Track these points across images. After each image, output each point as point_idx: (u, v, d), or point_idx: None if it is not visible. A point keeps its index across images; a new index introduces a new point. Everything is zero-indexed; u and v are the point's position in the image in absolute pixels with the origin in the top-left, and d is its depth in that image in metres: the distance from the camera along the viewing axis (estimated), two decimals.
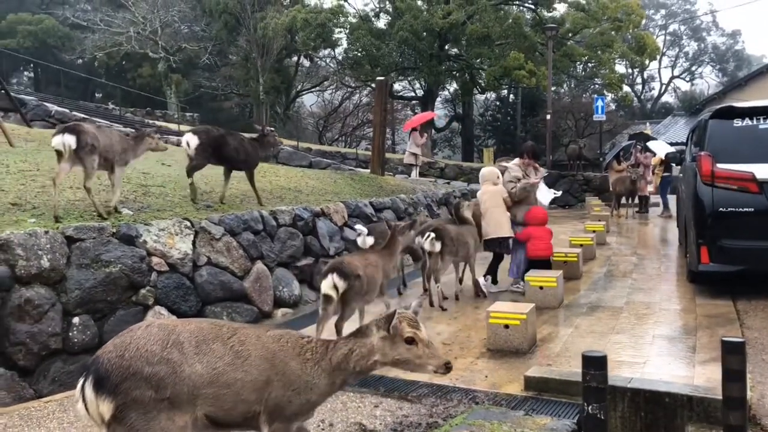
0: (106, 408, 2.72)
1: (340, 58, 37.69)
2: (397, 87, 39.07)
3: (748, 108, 7.66)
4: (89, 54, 35.84)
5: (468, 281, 8.69)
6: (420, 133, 19.89)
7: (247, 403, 3.05)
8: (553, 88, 30.05)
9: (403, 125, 28.80)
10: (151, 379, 2.76)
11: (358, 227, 8.42)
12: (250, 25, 35.28)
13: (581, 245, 10.43)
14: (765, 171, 7.08)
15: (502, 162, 11.32)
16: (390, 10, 33.32)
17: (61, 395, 5.30)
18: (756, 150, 7.30)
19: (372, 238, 7.79)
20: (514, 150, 32.18)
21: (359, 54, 32.52)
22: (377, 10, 34.58)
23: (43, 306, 5.50)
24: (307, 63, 42.03)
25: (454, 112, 44.47)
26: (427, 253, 7.72)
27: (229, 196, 8.94)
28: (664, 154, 17.42)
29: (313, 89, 44.02)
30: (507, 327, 6.00)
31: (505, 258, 8.73)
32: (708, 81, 55.65)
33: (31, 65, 43.38)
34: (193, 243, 7.17)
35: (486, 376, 5.46)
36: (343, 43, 35.06)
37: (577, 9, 30.15)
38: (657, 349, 5.94)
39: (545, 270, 8.06)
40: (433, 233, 7.61)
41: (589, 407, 3.74)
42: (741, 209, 7.16)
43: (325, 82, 42.30)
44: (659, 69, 54.71)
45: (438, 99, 40.22)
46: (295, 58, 40.70)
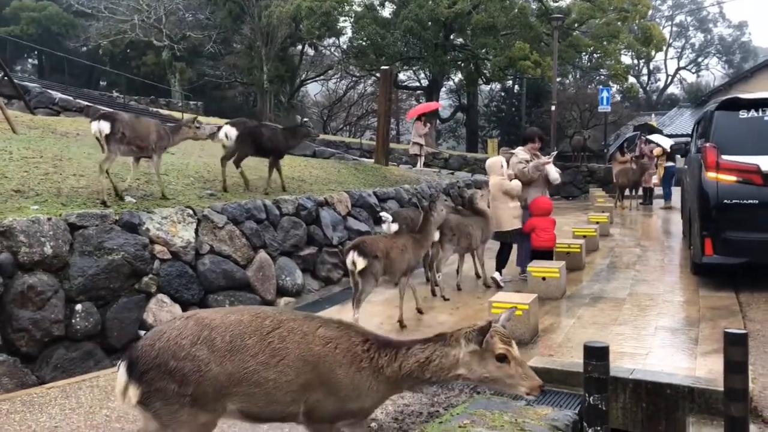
0: (133, 393, 2.76)
1: (344, 47, 37.60)
2: (402, 77, 38.94)
3: (754, 99, 7.61)
4: (93, 41, 35.71)
5: (470, 272, 8.69)
6: (423, 123, 19.85)
7: (281, 404, 2.91)
8: (558, 79, 29.92)
9: (407, 114, 28.71)
10: (175, 374, 2.75)
11: (384, 214, 8.71)
12: (255, 14, 35.13)
13: (584, 236, 10.41)
14: None
15: (507, 151, 11.29)
16: None
17: (63, 382, 5.33)
18: (761, 142, 7.26)
19: (396, 225, 8.09)
20: (518, 141, 32.11)
21: (364, 43, 32.40)
22: None
23: (45, 293, 5.51)
24: (311, 52, 41.92)
25: (458, 102, 44.37)
26: None
27: (232, 185, 8.93)
28: (668, 146, 17.37)
29: (317, 78, 43.90)
30: None
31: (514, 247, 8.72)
32: (714, 72, 55.42)
33: (35, 52, 43.32)
34: (196, 231, 7.18)
35: None
36: (348, 32, 34.99)
37: None
38: (659, 341, 5.92)
39: (548, 261, 8.05)
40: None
41: (591, 398, 3.74)
42: (745, 201, 7.13)
43: (329, 71, 42.18)
44: (665, 60, 54.52)
45: (443, 89, 40.14)
46: (299, 47, 40.55)
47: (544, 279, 7.58)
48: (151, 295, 6.45)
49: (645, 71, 54.14)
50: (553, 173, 8.47)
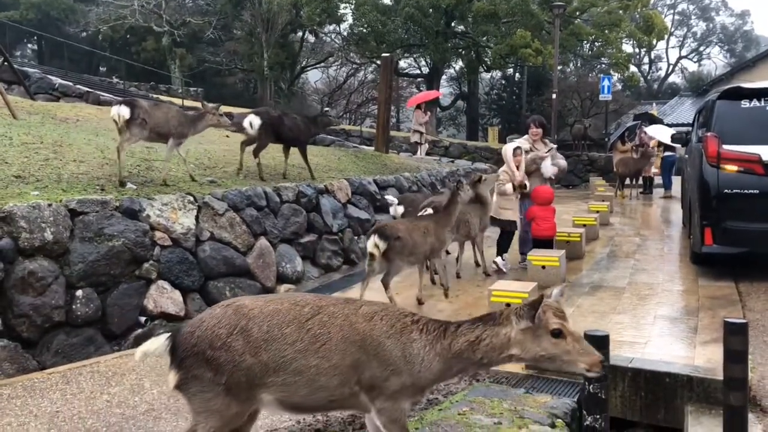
0: (173, 376, 2.83)
1: (345, 34, 37.41)
2: (402, 64, 38.79)
3: (756, 89, 7.59)
4: (93, 27, 35.55)
5: (470, 260, 8.69)
6: (423, 111, 19.80)
7: (327, 389, 2.85)
8: (559, 68, 29.79)
9: (407, 102, 28.64)
10: (211, 362, 2.78)
11: (389, 198, 8.94)
12: (255, 0, 34.98)
13: (584, 225, 10.41)
14: None
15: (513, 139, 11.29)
16: None
17: (64, 367, 5.35)
18: (763, 132, 7.25)
19: (402, 207, 8.30)
20: (518, 129, 32.03)
21: (365, 30, 32.23)
22: None
23: (46, 278, 5.52)
24: (312, 39, 41.68)
25: (459, 90, 44.20)
26: None
27: (232, 172, 8.92)
28: (668, 136, 17.32)
29: (317, 65, 43.71)
30: (509, 305, 5.99)
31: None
32: (716, 62, 55.18)
33: (35, 38, 43.07)
34: (197, 218, 7.18)
35: None
36: (349, 19, 34.78)
37: None
38: (658, 330, 5.94)
39: (548, 249, 8.06)
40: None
41: (590, 386, 3.76)
42: (746, 191, 7.13)
43: (330, 59, 42.01)
44: (667, 49, 54.25)
45: (443, 77, 39.97)
46: (300, 34, 40.34)
47: (543, 267, 7.59)
48: (152, 282, 6.46)
49: (646, 60, 53.95)
50: (546, 168, 8.41)
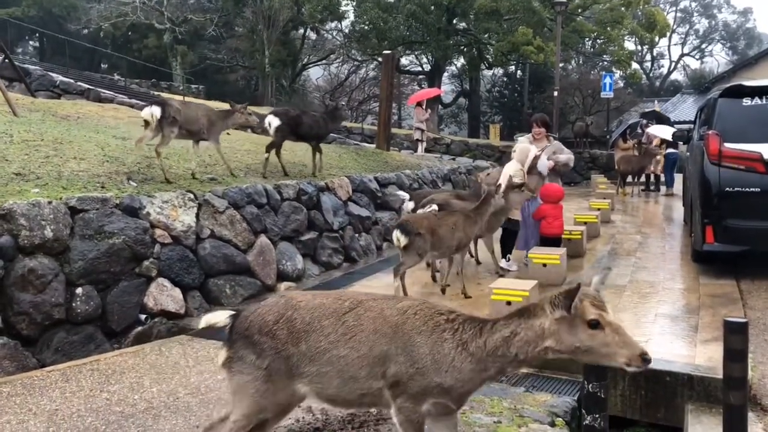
0: (223, 353, 3.03)
1: (346, 31, 37.39)
2: (404, 61, 38.76)
3: (758, 87, 7.58)
4: (95, 24, 35.50)
5: (470, 258, 8.68)
6: (424, 109, 19.78)
7: (356, 380, 2.88)
8: (561, 65, 29.79)
9: (408, 99, 28.63)
10: (256, 346, 2.94)
11: (401, 193, 9.30)
12: None
13: (585, 223, 10.40)
14: None
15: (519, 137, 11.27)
16: None
17: (63, 365, 5.35)
18: (765, 130, 7.24)
19: (413, 203, 8.58)
20: (520, 126, 32.01)
21: (366, 27, 32.21)
22: None
23: (46, 276, 5.51)
24: (313, 36, 41.63)
25: (461, 87, 44.18)
26: None
27: (234, 169, 8.92)
28: (670, 135, 17.29)
29: (319, 62, 43.70)
30: (509, 304, 5.99)
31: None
32: (718, 59, 55.06)
33: (36, 35, 43.05)
34: (197, 215, 7.18)
35: None
36: (350, 16, 34.76)
37: None
38: (659, 328, 5.93)
39: (550, 247, 8.04)
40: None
41: (590, 385, 3.75)
42: (747, 189, 7.12)
43: (331, 56, 41.97)
44: (669, 46, 54.06)
45: (445, 74, 39.96)
46: (301, 31, 40.29)
47: (544, 265, 7.57)
48: (152, 279, 6.45)
49: (648, 57, 53.77)
50: (541, 165, 8.34)
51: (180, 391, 4.79)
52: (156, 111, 7.52)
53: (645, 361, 2.60)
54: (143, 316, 6.29)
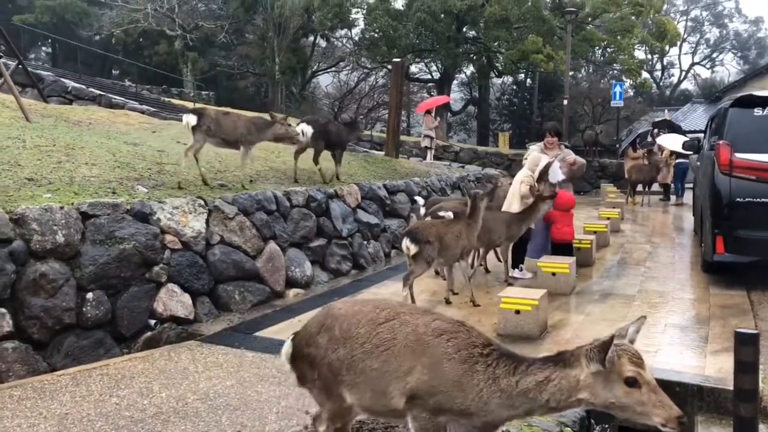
0: (293, 377, 3.25)
1: (356, 38, 37.53)
2: (413, 69, 38.81)
3: None
4: (106, 30, 35.77)
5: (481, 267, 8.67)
6: (434, 116, 19.81)
7: (386, 397, 2.82)
8: (571, 73, 29.81)
9: (417, 107, 28.69)
10: (306, 358, 3.12)
11: (417, 198, 9.89)
12: (267, 4, 35.03)
13: (595, 232, 10.38)
14: None
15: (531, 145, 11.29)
16: None
17: (74, 369, 5.37)
18: None
19: (424, 209, 8.82)
20: (529, 135, 31.99)
21: (376, 35, 32.32)
22: None
23: (57, 281, 5.54)
24: (323, 43, 41.77)
25: (470, 95, 44.21)
26: None
27: (244, 176, 8.96)
28: (680, 144, 17.24)
29: (329, 70, 43.75)
30: (518, 312, 5.99)
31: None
32: (729, 68, 54.95)
33: (49, 41, 43.38)
34: (207, 221, 7.20)
35: None
36: (360, 24, 34.90)
37: None
38: (669, 338, 5.91)
39: (560, 256, 8.03)
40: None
41: None
42: (759, 200, 7.10)
43: (341, 63, 42.03)
44: (679, 55, 54.02)
45: (454, 82, 40.01)
46: (311, 38, 40.45)
47: (554, 274, 7.57)
48: (162, 285, 6.47)
49: (659, 66, 53.72)
50: (553, 174, 8.34)
51: (189, 396, 4.80)
52: (192, 119, 7.91)
53: (681, 423, 2.53)
54: (153, 322, 6.31)
